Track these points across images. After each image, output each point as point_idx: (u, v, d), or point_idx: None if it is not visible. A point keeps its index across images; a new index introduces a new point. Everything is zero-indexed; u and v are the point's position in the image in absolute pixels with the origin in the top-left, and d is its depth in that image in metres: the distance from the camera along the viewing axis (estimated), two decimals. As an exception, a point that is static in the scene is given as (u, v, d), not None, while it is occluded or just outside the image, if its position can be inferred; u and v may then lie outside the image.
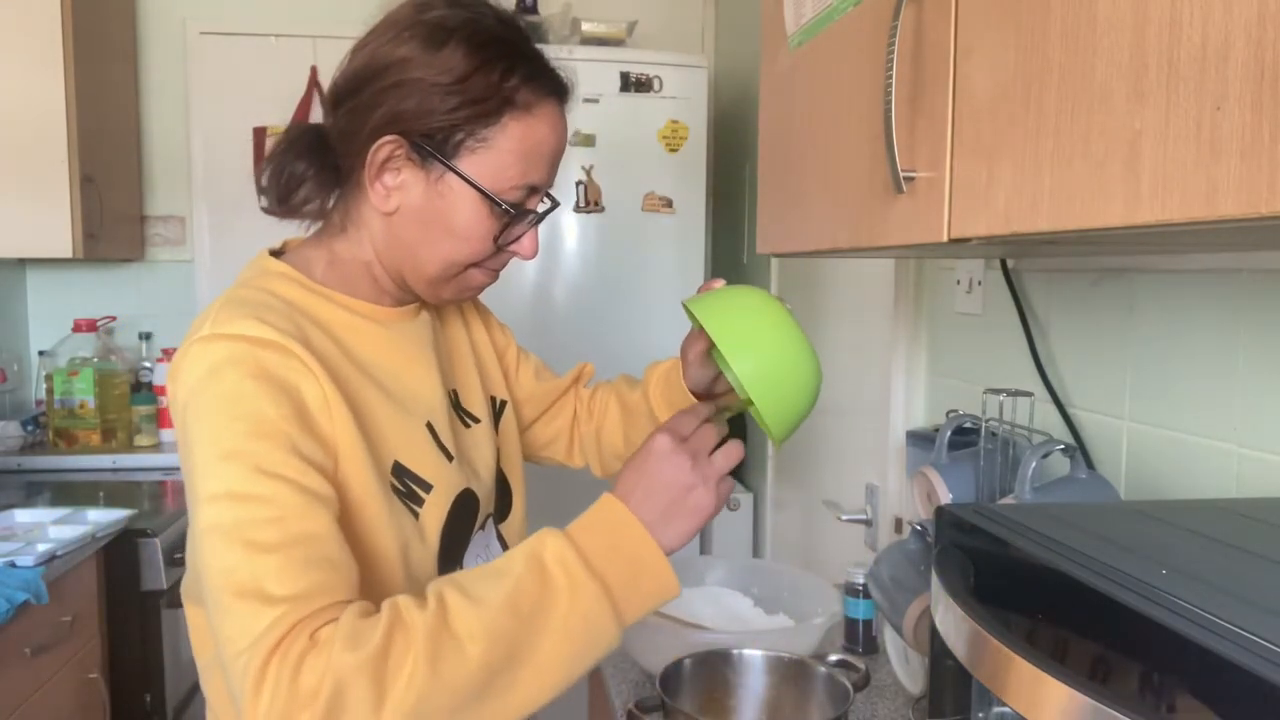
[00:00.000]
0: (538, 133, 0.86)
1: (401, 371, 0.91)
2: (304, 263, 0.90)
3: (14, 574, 1.65)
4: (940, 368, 1.60)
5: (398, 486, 0.85)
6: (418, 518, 0.86)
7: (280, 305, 0.82)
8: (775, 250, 1.22)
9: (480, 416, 1.02)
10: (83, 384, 2.55)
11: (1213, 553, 0.63)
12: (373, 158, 0.84)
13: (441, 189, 0.85)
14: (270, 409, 0.74)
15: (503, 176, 0.85)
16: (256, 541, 0.70)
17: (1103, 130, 0.59)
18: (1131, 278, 1.12)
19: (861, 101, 0.92)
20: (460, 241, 0.86)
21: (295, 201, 0.89)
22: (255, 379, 0.75)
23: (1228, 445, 0.98)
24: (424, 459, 0.88)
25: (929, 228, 0.78)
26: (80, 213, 2.42)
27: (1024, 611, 0.62)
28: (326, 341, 0.84)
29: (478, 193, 0.85)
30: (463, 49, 0.82)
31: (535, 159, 0.87)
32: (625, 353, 2.61)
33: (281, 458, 0.73)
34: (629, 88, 2.52)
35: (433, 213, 0.86)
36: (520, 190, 0.87)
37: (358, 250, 0.90)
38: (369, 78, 0.84)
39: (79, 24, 2.41)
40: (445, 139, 0.83)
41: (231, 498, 0.72)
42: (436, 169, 0.84)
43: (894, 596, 1.11)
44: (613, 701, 1.25)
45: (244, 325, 0.77)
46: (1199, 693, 0.46)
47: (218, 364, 0.75)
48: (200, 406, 0.75)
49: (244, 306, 0.80)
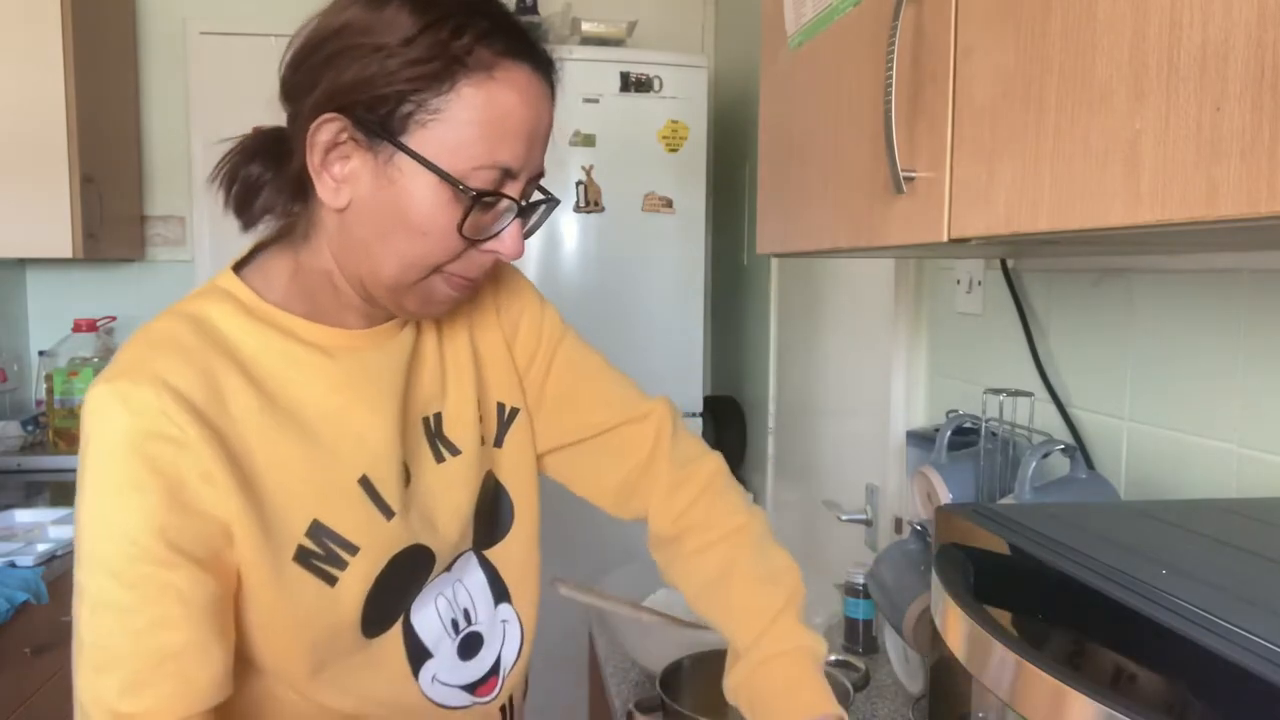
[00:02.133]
0: (501, 100, 0.73)
1: (341, 414, 0.80)
2: (265, 276, 0.81)
3: (14, 574, 1.65)
4: (940, 368, 1.60)
5: (314, 549, 0.76)
6: (335, 584, 0.77)
7: (193, 343, 0.74)
8: (775, 250, 1.22)
9: (464, 446, 0.89)
10: (83, 384, 2.55)
11: (1213, 553, 0.63)
12: (312, 141, 0.73)
13: (392, 173, 0.73)
14: (136, 496, 0.68)
15: (462, 154, 0.72)
16: (106, 645, 0.68)
17: (1103, 130, 0.59)
18: (1131, 278, 1.12)
19: (861, 101, 0.92)
20: (417, 235, 0.74)
21: (255, 209, 0.80)
22: (126, 453, 0.69)
23: (1228, 445, 0.98)
24: (352, 518, 0.79)
25: (929, 228, 0.78)
26: (80, 213, 2.42)
27: (1024, 611, 0.62)
28: (242, 386, 0.75)
29: (434, 175, 0.72)
30: (408, 7, 0.71)
31: (503, 134, 0.73)
32: (625, 353, 2.61)
33: (144, 558, 0.68)
34: (629, 88, 2.52)
35: (385, 202, 0.74)
36: (490, 172, 0.74)
37: (318, 259, 0.79)
38: (309, 52, 0.74)
39: (79, 24, 2.41)
40: (391, 112, 0.72)
41: (93, 589, 0.69)
42: (385, 150, 0.73)
43: (894, 596, 1.11)
44: (613, 701, 1.25)
45: (130, 379, 0.70)
46: (1199, 692, 0.46)
47: (100, 426, 0.70)
48: (83, 471, 0.70)
49: (144, 350, 0.73)
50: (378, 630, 0.82)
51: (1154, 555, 0.60)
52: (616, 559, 1.54)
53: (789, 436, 2.44)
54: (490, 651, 0.92)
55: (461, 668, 0.90)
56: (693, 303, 2.65)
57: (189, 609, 0.69)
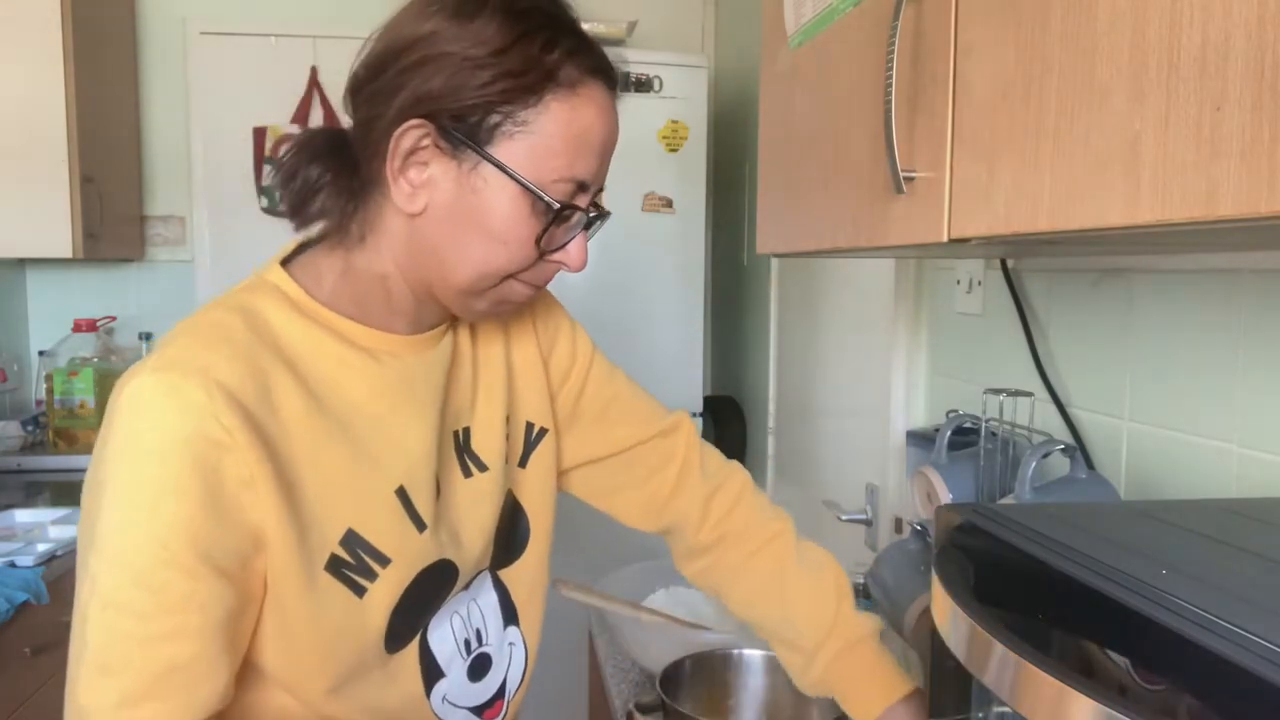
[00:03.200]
0: (585, 116, 0.75)
1: (385, 418, 0.79)
2: (314, 274, 0.80)
3: (14, 574, 1.65)
4: (940, 368, 1.60)
5: (346, 559, 0.75)
6: (363, 595, 0.76)
7: (244, 338, 0.73)
8: (775, 250, 1.22)
9: (490, 463, 0.89)
10: (83, 384, 2.55)
11: (1213, 553, 0.63)
12: (395, 147, 0.73)
13: (475, 182, 0.74)
14: (173, 500, 0.66)
15: (546, 167, 0.74)
16: (114, 649, 0.66)
17: (1103, 130, 0.59)
18: (1131, 278, 1.12)
19: (861, 101, 0.92)
20: (498, 244, 0.75)
21: (311, 211, 0.79)
22: (168, 452, 0.66)
23: (1228, 445, 0.98)
24: (386, 529, 0.78)
25: (929, 228, 0.78)
26: (80, 213, 2.42)
27: (1024, 611, 0.62)
28: (291, 385, 0.74)
29: (518, 185, 0.73)
30: (498, 19, 0.72)
31: (582, 148, 0.75)
32: (625, 353, 2.61)
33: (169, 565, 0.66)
34: (629, 88, 2.52)
35: (466, 210, 0.74)
36: (567, 185, 0.75)
37: (375, 262, 0.79)
38: (391, 58, 0.74)
39: (79, 24, 2.41)
40: (479, 122, 0.72)
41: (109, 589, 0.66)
42: (470, 158, 0.73)
43: (894, 596, 1.11)
44: (613, 701, 1.25)
45: (180, 373, 0.68)
46: (1199, 693, 0.46)
47: (141, 420, 0.67)
48: (114, 463, 0.68)
49: (195, 343, 0.71)
50: (398, 646, 0.81)
51: (1154, 555, 0.60)
52: (616, 559, 1.54)
53: (789, 436, 2.44)
54: (498, 674, 0.92)
55: (470, 689, 0.89)
56: (693, 303, 2.65)
57: (205, 621, 0.67)
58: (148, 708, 0.66)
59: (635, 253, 2.58)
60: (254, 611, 0.73)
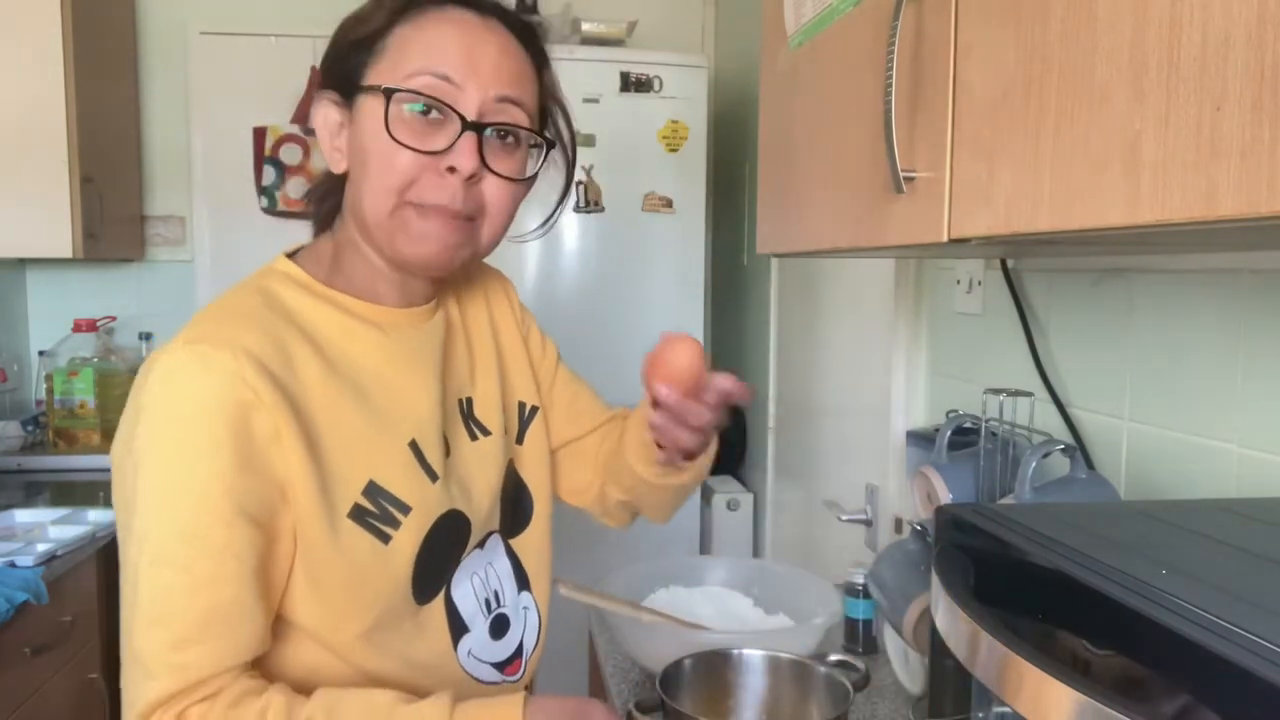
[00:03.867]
0: (433, 28, 0.81)
1: (394, 382, 0.87)
2: (315, 260, 0.89)
3: (14, 574, 1.65)
4: (940, 368, 1.60)
5: (370, 509, 0.82)
6: (389, 542, 0.83)
7: (263, 313, 0.81)
8: (775, 250, 1.22)
9: (492, 429, 0.97)
10: (83, 384, 2.55)
11: (1213, 553, 0.63)
12: (320, 120, 0.85)
13: (357, 116, 0.82)
14: (209, 456, 0.73)
15: (399, 70, 0.79)
16: (161, 599, 0.73)
17: (1103, 130, 0.59)
18: (1131, 278, 1.12)
19: (861, 101, 0.92)
20: (371, 160, 0.80)
21: (325, 210, 0.92)
22: (203, 413, 0.74)
23: (1228, 445, 0.98)
24: (403, 479, 0.85)
25: (929, 228, 0.78)
26: (80, 213, 2.42)
27: (1024, 611, 0.62)
28: (308, 352, 0.81)
29: (380, 95, 0.79)
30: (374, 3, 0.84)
31: (436, 50, 0.80)
32: (625, 353, 2.61)
33: (209, 516, 0.73)
34: (629, 88, 2.52)
35: (356, 145, 0.82)
36: (424, 78, 0.79)
37: (347, 232, 0.87)
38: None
39: (79, 24, 2.41)
40: (351, 69, 0.82)
41: (152, 542, 0.74)
42: (353, 100, 0.82)
43: (894, 596, 1.11)
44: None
45: (209, 345, 0.75)
46: (1199, 693, 0.46)
47: (174, 388, 0.75)
48: (151, 432, 0.75)
49: (219, 320, 0.79)
50: (426, 597, 0.88)
51: (1154, 555, 0.60)
52: (616, 559, 1.54)
53: (789, 436, 2.44)
54: (515, 634, 0.99)
55: (493, 646, 0.96)
56: (693, 303, 2.65)
57: (242, 568, 0.75)
58: (193, 650, 0.73)
59: (635, 253, 2.58)
60: (285, 562, 0.79)
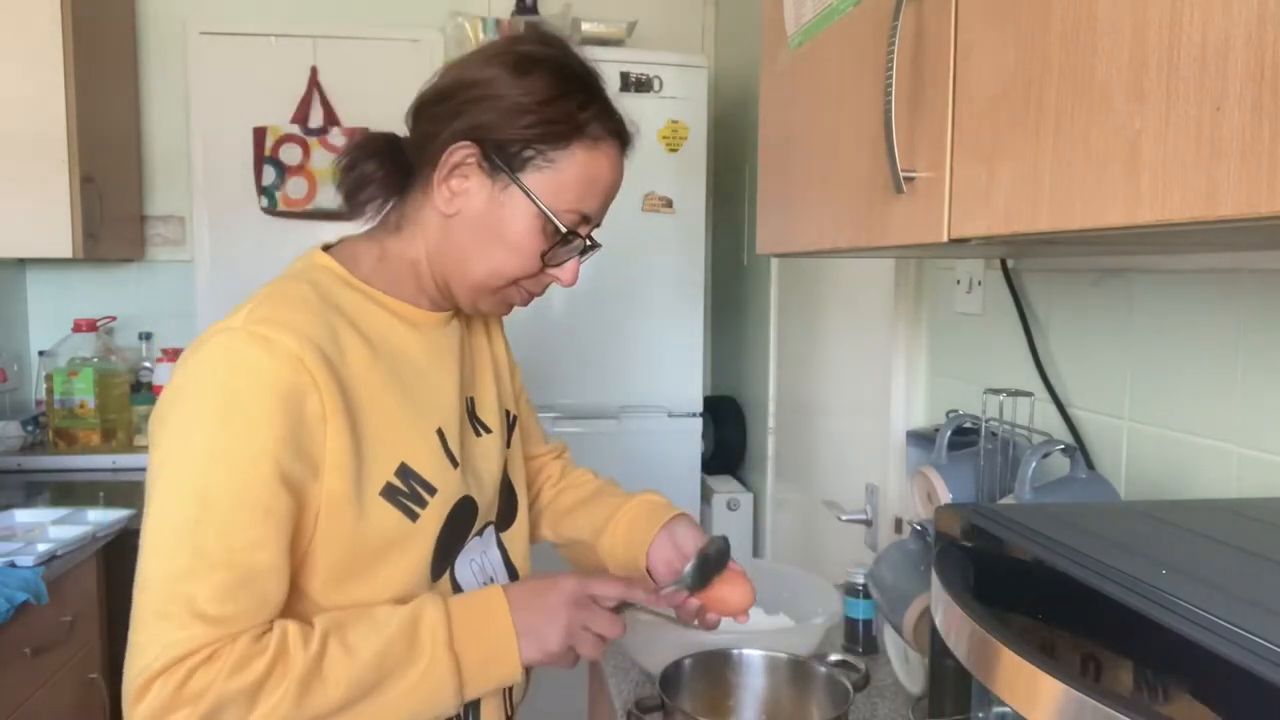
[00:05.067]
0: (599, 165, 0.93)
1: (426, 373, 0.95)
2: (352, 257, 0.95)
3: (14, 574, 1.65)
4: (940, 368, 1.60)
5: (401, 488, 0.89)
6: (416, 519, 0.90)
7: (317, 301, 0.88)
8: (775, 250, 1.22)
9: (493, 427, 1.06)
10: (83, 384, 2.55)
11: (1213, 553, 0.63)
12: (446, 159, 0.90)
13: (503, 199, 0.91)
14: (264, 428, 0.79)
15: (561, 198, 0.91)
16: (203, 554, 0.77)
17: (1103, 130, 0.59)
18: (1131, 278, 1.12)
19: (861, 101, 0.92)
20: (511, 252, 0.92)
21: (361, 199, 0.96)
22: (262, 389, 0.80)
23: (1228, 445, 0.98)
24: (431, 463, 0.92)
25: (929, 228, 0.78)
26: (80, 213, 2.42)
27: (1024, 611, 0.62)
28: (355, 340, 0.89)
29: (536, 208, 0.91)
30: (546, 78, 0.90)
31: (592, 190, 0.93)
32: (625, 353, 2.61)
33: (257, 482, 0.79)
34: (629, 88, 2.52)
35: (491, 220, 0.91)
36: (574, 215, 0.93)
37: (408, 249, 0.95)
38: (455, 91, 0.92)
39: (79, 24, 2.41)
40: (516, 153, 0.90)
41: (198, 502, 0.78)
42: (502, 179, 0.90)
43: (894, 596, 1.11)
44: (613, 701, 1.25)
45: (272, 328, 0.82)
46: (1199, 693, 0.46)
47: (234, 364, 0.80)
48: (202, 395, 0.80)
49: (280, 305, 0.85)
50: (437, 575, 0.94)
51: (1154, 555, 0.60)
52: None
53: (789, 436, 2.44)
54: None
55: None
56: (693, 303, 2.65)
57: (280, 534, 0.81)
58: (230, 605, 0.78)
59: (635, 253, 2.58)
60: (303, 538, 0.85)
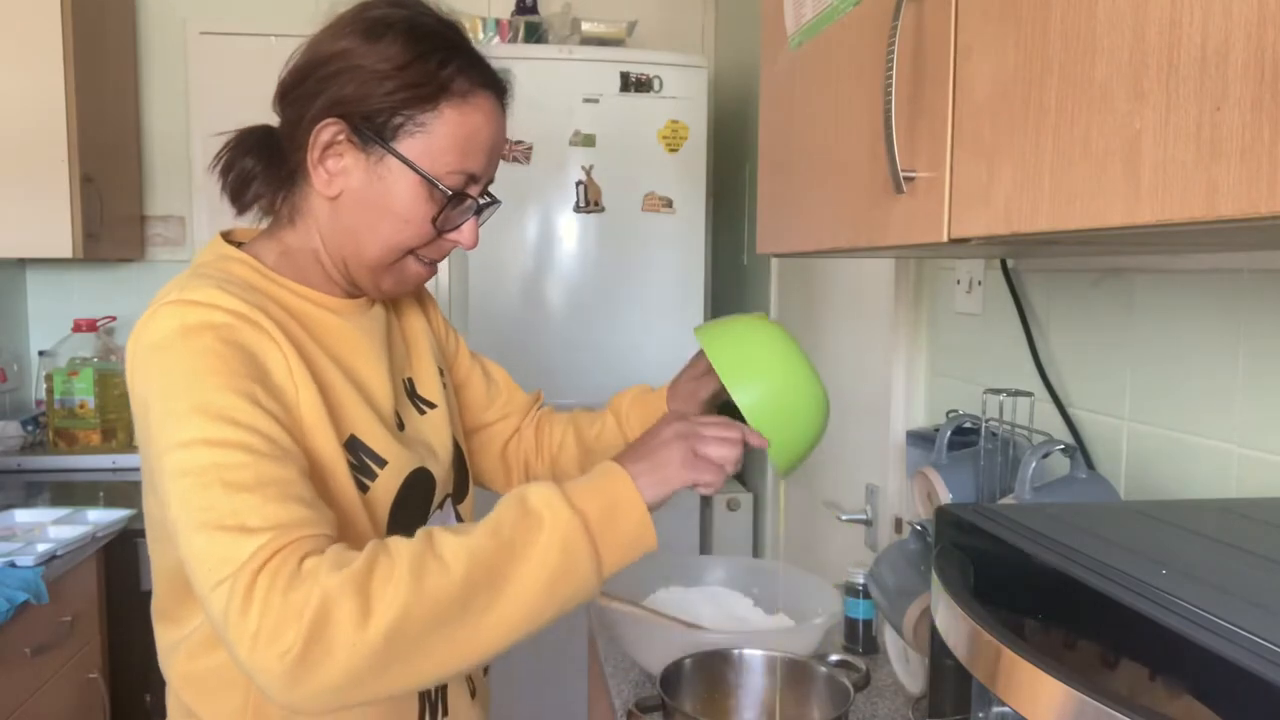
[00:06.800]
0: (473, 120, 0.90)
1: (356, 358, 0.94)
2: (256, 255, 0.93)
3: (14, 574, 1.65)
4: (940, 368, 1.60)
5: (351, 460, 0.88)
6: (368, 491, 0.89)
7: (241, 285, 0.86)
8: (775, 250, 1.22)
9: (437, 402, 1.05)
10: (83, 384, 2.55)
11: (1213, 553, 0.63)
12: (314, 140, 0.88)
13: (381, 171, 0.88)
14: (240, 369, 0.79)
15: (440, 161, 0.89)
16: (233, 482, 0.74)
17: (1103, 130, 0.59)
18: (1131, 278, 1.12)
19: (861, 101, 0.92)
20: (400, 223, 0.89)
21: (247, 198, 0.94)
22: (225, 343, 0.80)
23: (1228, 445, 0.98)
24: (378, 436, 0.91)
25: (929, 228, 0.78)
26: (80, 213, 2.42)
27: (1024, 611, 0.62)
28: (290, 321, 0.88)
29: (416, 175, 0.88)
30: (401, 40, 0.87)
31: (472, 147, 0.90)
32: (624, 353, 2.61)
33: (252, 411, 0.78)
34: (629, 88, 2.52)
35: (374, 195, 0.89)
36: (458, 176, 0.90)
37: (306, 240, 0.93)
38: (312, 68, 0.90)
39: (79, 24, 2.41)
40: (385, 122, 0.87)
41: (206, 443, 0.75)
42: (376, 152, 0.88)
43: (894, 596, 1.11)
44: (613, 701, 1.25)
45: (213, 295, 0.81)
46: (1199, 693, 0.46)
47: (191, 326, 0.79)
48: (170, 361, 0.79)
49: (211, 280, 0.84)
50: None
51: (1154, 555, 0.60)
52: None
53: (789, 436, 2.43)
54: None
55: None
56: (693, 303, 2.64)
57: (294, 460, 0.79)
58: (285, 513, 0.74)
59: (635, 253, 2.58)
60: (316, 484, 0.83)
